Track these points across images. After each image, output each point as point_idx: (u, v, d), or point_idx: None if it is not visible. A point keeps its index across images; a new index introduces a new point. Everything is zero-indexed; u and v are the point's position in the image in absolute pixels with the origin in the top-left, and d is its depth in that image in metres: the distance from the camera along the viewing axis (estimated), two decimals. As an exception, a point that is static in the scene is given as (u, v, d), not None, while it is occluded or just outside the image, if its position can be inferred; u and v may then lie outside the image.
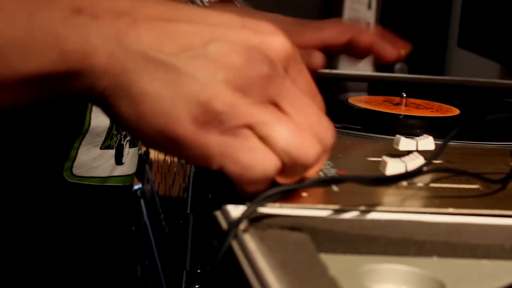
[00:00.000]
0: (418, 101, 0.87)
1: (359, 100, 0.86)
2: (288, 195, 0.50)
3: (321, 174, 0.56)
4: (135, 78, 0.48)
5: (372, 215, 0.50)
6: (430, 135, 0.64)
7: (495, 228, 0.50)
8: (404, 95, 0.84)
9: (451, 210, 0.51)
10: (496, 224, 0.50)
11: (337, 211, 0.50)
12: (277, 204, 0.49)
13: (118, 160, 0.79)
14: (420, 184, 0.55)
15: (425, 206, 0.51)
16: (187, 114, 0.48)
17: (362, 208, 0.50)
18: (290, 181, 0.50)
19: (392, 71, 1.62)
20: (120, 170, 0.80)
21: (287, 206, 0.49)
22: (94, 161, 0.77)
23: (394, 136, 0.66)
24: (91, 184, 0.78)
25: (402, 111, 0.82)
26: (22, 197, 0.75)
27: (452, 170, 0.55)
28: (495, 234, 0.49)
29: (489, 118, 0.59)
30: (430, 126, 0.79)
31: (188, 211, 0.64)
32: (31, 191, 0.75)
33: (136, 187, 1.02)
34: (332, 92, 0.89)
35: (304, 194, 0.51)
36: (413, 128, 0.78)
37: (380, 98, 0.88)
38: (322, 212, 0.49)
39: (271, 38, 0.50)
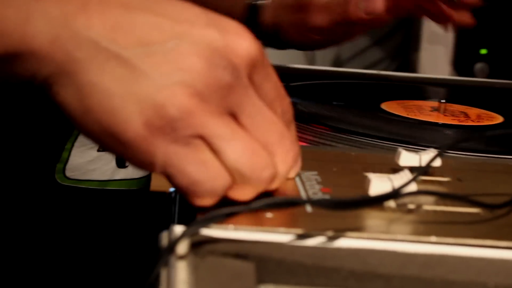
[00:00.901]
0: (461, 107, 0.80)
1: (394, 105, 0.79)
2: (251, 216, 0.45)
3: (302, 191, 0.50)
4: (83, 68, 0.44)
5: (341, 242, 0.44)
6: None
7: (482, 262, 0.43)
8: (443, 101, 0.77)
9: (433, 238, 0.45)
10: (484, 257, 0.44)
11: (301, 236, 0.44)
12: (231, 226, 0.44)
13: (120, 163, 0.75)
14: (411, 206, 0.49)
15: (405, 233, 0.45)
16: (138, 116, 0.43)
17: (330, 233, 0.44)
18: (242, 198, 0.45)
19: (472, 73, 1.53)
20: (123, 174, 0.75)
21: (243, 228, 0.44)
22: (90, 163, 0.73)
23: (414, 146, 0.61)
24: (89, 188, 0.74)
25: (432, 118, 0.75)
26: (12, 199, 0.71)
27: (435, 192, 0.48)
28: (480, 269, 0.43)
29: (489, 134, 0.52)
30: (450, 136, 0.71)
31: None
32: (21, 193, 0.72)
33: (171, 189, 0.98)
34: (369, 97, 0.83)
35: (269, 215, 0.46)
36: (432, 138, 0.71)
37: (422, 103, 0.82)
38: (284, 236, 0.44)
39: (237, 40, 0.45)
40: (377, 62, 1.95)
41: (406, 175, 0.49)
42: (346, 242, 0.44)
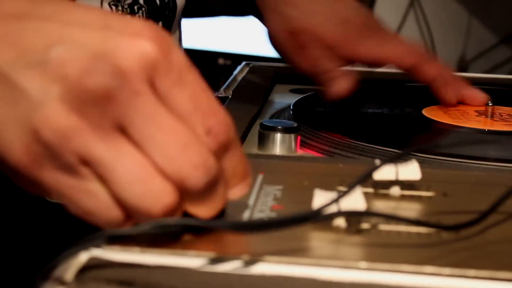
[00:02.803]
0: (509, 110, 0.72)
1: (440, 110, 0.73)
2: (165, 236, 0.41)
3: (249, 208, 0.45)
4: None
5: (257, 268, 0.39)
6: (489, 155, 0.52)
7: (412, 292, 0.38)
8: (490, 104, 0.70)
9: (363, 264, 0.39)
10: (420, 287, 0.38)
11: (214, 260, 0.40)
12: (136, 249, 0.40)
13: None
14: (364, 226, 0.43)
15: (335, 257, 0.40)
16: (18, 141, 0.39)
17: (246, 257, 0.40)
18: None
19: None
20: None
21: (150, 251, 0.40)
22: None
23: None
24: None
25: (475, 123, 0.68)
26: (17, 199, 0.69)
27: (356, 213, 0.42)
28: (408, 302, 0.37)
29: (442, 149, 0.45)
30: (483, 144, 0.64)
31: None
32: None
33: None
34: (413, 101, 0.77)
35: (187, 237, 0.41)
36: (465, 145, 0.64)
37: (466, 108, 0.74)
38: (193, 261, 0.39)
39: (130, 41, 0.40)
40: (504, 62, 1.84)
41: (357, 192, 0.43)
42: (258, 268, 0.39)
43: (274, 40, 0.77)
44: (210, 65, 1.76)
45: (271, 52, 0.81)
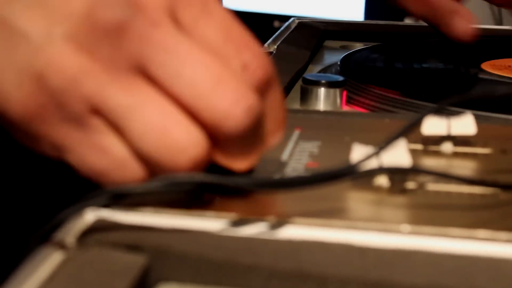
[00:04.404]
0: None
1: (502, 64, 0.67)
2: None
3: (279, 167, 0.41)
4: None
5: (284, 232, 0.34)
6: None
7: (459, 260, 0.32)
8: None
9: (404, 228, 0.34)
10: (465, 255, 0.33)
11: (235, 223, 0.35)
12: (149, 209, 0.35)
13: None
14: (410, 186, 0.38)
15: (371, 220, 0.35)
16: (18, 90, 0.35)
17: (272, 219, 0.35)
18: None
19: None
20: None
21: (164, 212, 0.35)
22: None
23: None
24: None
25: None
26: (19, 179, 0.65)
27: (400, 169, 0.37)
28: (452, 269, 0.32)
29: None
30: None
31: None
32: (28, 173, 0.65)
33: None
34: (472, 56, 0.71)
35: (208, 196, 0.37)
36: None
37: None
38: (212, 223, 0.35)
39: None
40: None
41: (401, 147, 0.38)
42: (286, 232, 0.34)
43: None
44: (266, 28, 1.71)
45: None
